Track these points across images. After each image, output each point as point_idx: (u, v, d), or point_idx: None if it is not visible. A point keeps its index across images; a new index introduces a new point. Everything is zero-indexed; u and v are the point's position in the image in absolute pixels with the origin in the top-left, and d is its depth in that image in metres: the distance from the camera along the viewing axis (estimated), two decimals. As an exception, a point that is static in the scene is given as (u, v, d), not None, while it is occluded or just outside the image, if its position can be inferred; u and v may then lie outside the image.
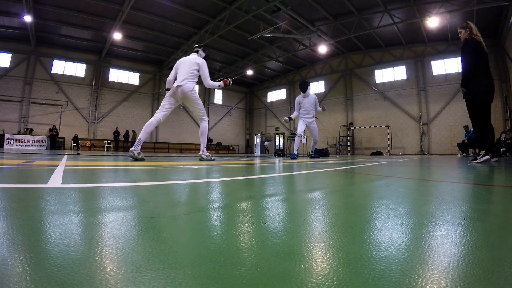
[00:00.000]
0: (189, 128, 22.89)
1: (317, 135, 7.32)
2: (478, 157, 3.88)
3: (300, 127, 7.03)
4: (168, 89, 4.40)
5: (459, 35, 4.03)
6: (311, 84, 7.41)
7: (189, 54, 4.64)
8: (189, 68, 4.30)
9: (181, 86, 4.19)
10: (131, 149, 3.90)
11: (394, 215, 0.74)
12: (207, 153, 4.53)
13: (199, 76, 4.44)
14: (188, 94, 4.23)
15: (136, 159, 3.79)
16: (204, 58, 4.60)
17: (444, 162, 4.65)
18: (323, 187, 1.44)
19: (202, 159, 4.37)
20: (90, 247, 0.45)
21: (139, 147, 3.94)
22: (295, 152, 6.95)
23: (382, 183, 1.57)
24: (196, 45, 4.77)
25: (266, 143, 23.53)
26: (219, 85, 4.53)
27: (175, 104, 4.36)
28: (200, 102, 4.42)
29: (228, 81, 4.59)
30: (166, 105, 4.27)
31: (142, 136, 4.01)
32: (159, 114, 4.20)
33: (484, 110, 3.83)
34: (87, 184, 1.34)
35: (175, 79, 4.37)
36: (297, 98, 7.20)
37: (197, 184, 1.45)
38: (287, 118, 7.30)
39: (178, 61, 4.50)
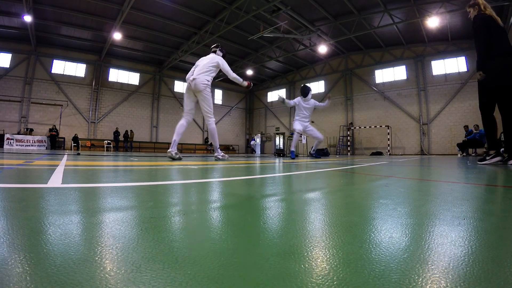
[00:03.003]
0: (189, 128, 22.82)
1: (319, 135, 7.02)
2: (487, 158, 3.54)
3: (298, 126, 6.78)
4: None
5: (469, 16, 3.48)
6: (311, 85, 7.25)
7: (191, 54, 4.83)
8: (207, 64, 4.54)
9: (196, 78, 4.42)
10: (169, 150, 4.20)
11: (394, 215, 0.74)
12: (222, 153, 4.70)
13: (217, 73, 4.68)
14: (201, 87, 4.43)
15: (174, 159, 4.09)
16: (222, 56, 4.83)
17: (444, 162, 4.65)
18: (323, 187, 1.44)
19: (218, 159, 4.54)
20: (90, 247, 0.45)
21: (175, 148, 4.24)
22: (293, 149, 6.64)
23: (382, 183, 1.57)
24: (213, 45, 4.98)
25: (252, 142, 22.85)
26: (242, 82, 4.85)
27: (194, 101, 4.60)
28: (210, 99, 4.56)
29: (251, 84, 4.93)
30: (188, 106, 4.56)
31: (176, 137, 4.29)
32: (187, 116, 4.53)
33: (507, 96, 3.22)
34: (87, 184, 1.34)
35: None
36: (298, 98, 6.94)
37: (198, 184, 1.45)
38: (280, 96, 6.75)
39: (198, 60, 4.76)
